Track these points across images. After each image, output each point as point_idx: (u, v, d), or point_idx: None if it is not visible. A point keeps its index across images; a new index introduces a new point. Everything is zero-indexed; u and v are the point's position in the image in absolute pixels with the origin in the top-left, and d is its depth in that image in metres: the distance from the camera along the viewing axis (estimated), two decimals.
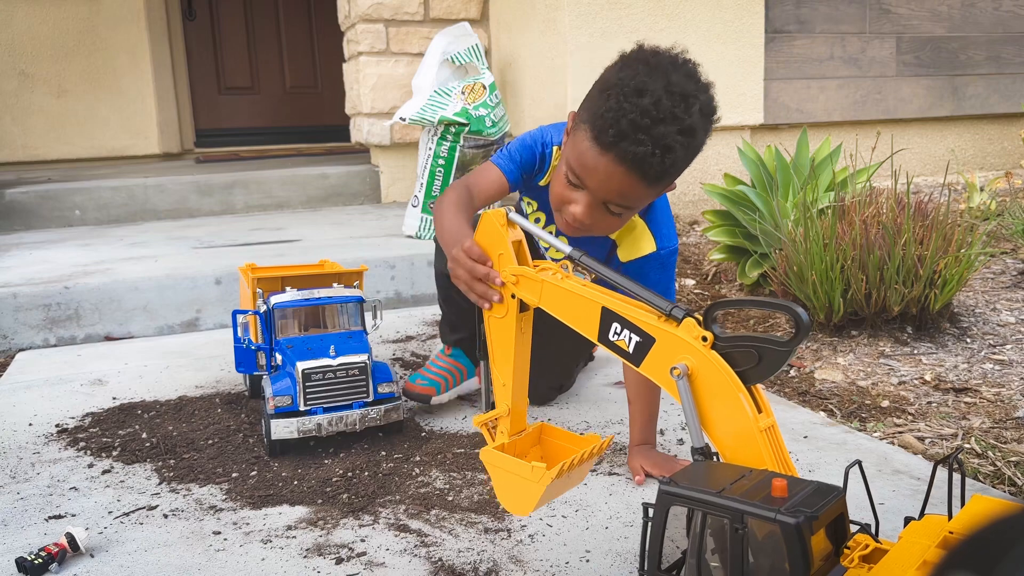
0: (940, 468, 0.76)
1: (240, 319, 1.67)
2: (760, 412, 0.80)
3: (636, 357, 0.88)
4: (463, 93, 3.24)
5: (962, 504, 0.73)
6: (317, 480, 1.37)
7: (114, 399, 1.82)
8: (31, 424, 1.68)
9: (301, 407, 1.46)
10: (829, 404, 1.71)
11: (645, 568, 0.75)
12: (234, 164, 4.62)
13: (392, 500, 1.30)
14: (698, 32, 3.37)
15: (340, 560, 1.12)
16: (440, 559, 1.12)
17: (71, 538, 1.13)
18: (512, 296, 0.98)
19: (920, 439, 1.52)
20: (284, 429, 1.44)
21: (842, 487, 0.72)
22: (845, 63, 3.73)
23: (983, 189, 3.03)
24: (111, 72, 5.27)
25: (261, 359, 1.65)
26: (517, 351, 1.00)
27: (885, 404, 1.70)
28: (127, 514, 1.27)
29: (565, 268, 0.96)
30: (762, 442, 0.78)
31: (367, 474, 1.39)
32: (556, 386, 1.76)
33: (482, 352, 1.06)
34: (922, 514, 0.75)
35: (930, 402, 1.70)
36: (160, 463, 1.47)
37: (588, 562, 1.11)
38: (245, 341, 1.67)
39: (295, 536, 1.19)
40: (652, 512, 0.74)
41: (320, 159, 4.71)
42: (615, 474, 1.38)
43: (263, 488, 1.36)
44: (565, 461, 0.94)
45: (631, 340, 0.88)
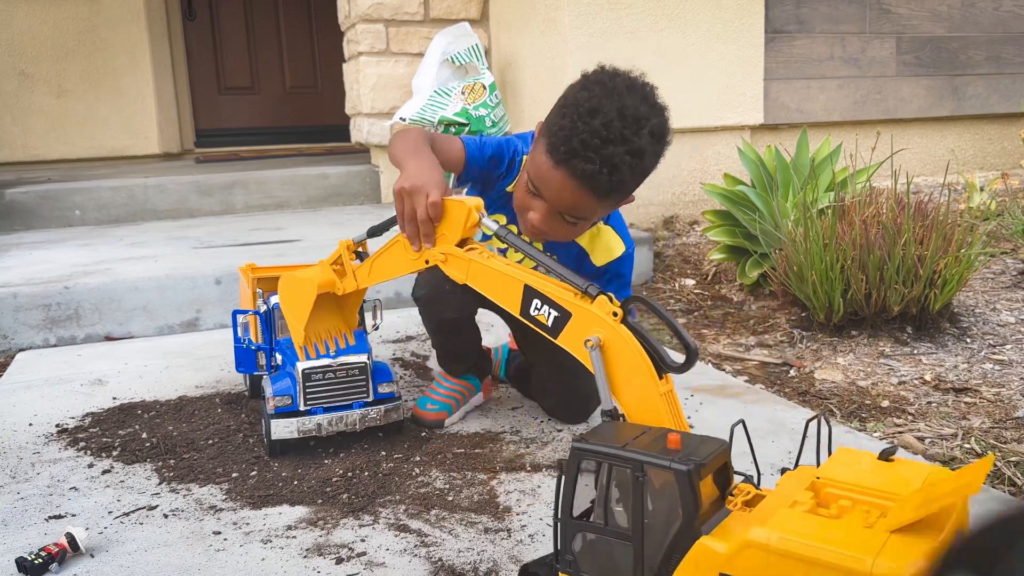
0: (811, 424, 0.87)
1: (240, 319, 1.67)
2: (661, 379, 0.91)
3: (554, 330, 0.99)
4: (463, 93, 3.24)
5: (829, 454, 0.84)
6: (317, 480, 1.37)
7: (114, 399, 1.82)
8: (31, 424, 1.68)
9: (301, 407, 1.46)
10: (829, 404, 1.72)
11: (559, 516, 0.84)
12: (234, 164, 4.62)
13: (392, 500, 1.30)
14: (698, 32, 3.37)
15: (340, 560, 1.12)
16: (440, 559, 1.12)
17: (71, 538, 1.13)
18: (427, 262, 1.15)
19: (920, 439, 1.52)
20: (284, 429, 1.44)
21: (727, 441, 0.82)
22: (845, 63, 3.73)
23: (983, 189, 3.03)
24: (111, 72, 5.27)
25: (261, 359, 1.65)
26: (396, 276, 1.24)
27: (885, 404, 1.70)
28: (127, 514, 1.28)
29: (492, 248, 1.08)
30: (662, 405, 0.90)
31: (367, 474, 1.39)
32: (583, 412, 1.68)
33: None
34: (796, 465, 0.85)
35: (930, 402, 1.70)
36: (160, 463, 1.47)
37: None
38: (245, 341, 1.67)
39: (295, 536, 1.19)
40: (565, 466, 0.83)
41: (320, 159, 4.71)
42: None
43: (263, 488, 1.36)
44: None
45: (550, 315, 0.99)
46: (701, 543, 0.74)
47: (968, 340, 2.02)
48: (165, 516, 1.27)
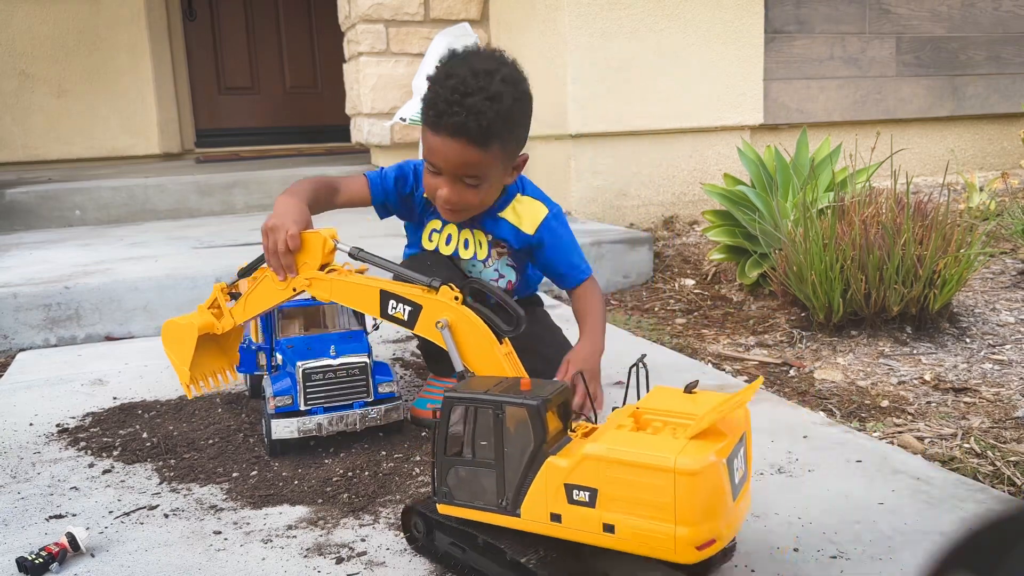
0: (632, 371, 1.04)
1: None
2: (501, 344, 1.12)
3: (411, 322, 1.15)
4: None
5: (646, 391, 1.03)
6: (317, 480, 1.38)
7: (114, 399, 1.82)
8: (31, 424, 1.69)
9: (301, 407, 1.46)
10: (829, 404, 1.72)
11: (436, 456, 1.01)
12: (234, 164, 4.62)
13: (392, 500, 1.30)
14: (698, 32, 3.37)
15: (340, 560, 1.12)
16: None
17: (72, 538, 1.13)
18: (294, 289, 1.27)
19: (920, 439, 1.52)
20: (284, 429, 1.45)
21: (565, 382, 1.03)
22: (845, 63, 3.73)
23: (983, 189, 3.03)
24: (111, 72, 5.28)
25: (261, 359, 1.65)
26: (269, 308, 1.35)
27: (885, 404, 1.70)
28: (128, 514, 1.28)
29: (349, 267, 1.26)
30: (504, 363, 1.11)
31: (367, 474, 1.39)
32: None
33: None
34: (624, 403, 1.04)
35: (929, 402, 1.70)
36: (160, 463, 1.47)
37: None
38: (246, 341, 1.67)
39: (295, 536, 1.19)
40: (440, 414, 1.01)
41: (320, 159, 4.72)
42: None
43: (263, 488, 1.36)
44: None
45: (405, 310, 1.16)
46: (549, 462, 0.94)
47: (968, 340, 2.03)
48: (165, 516, 1.27)
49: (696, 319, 2.42)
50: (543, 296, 2.04)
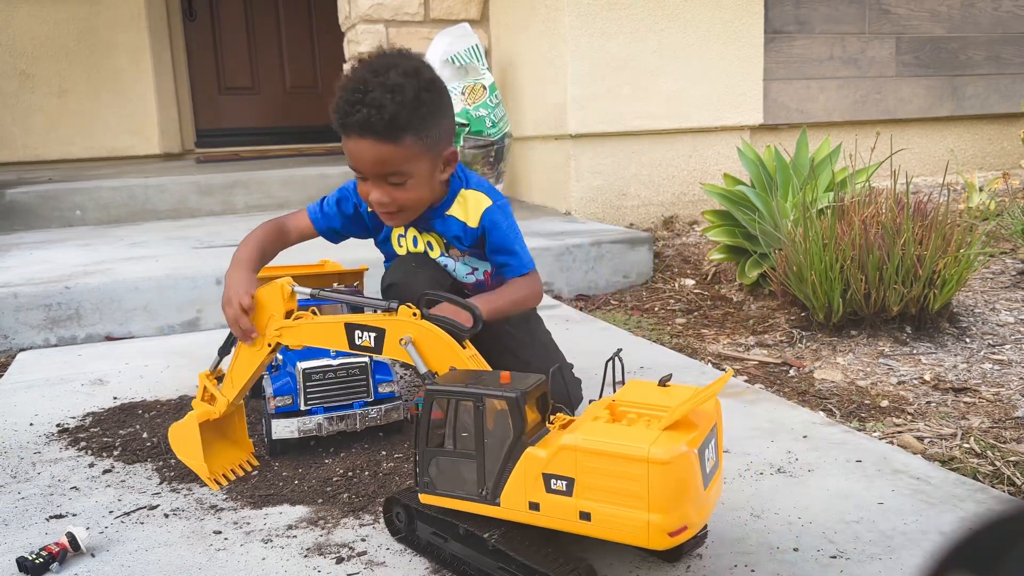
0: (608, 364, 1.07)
1: None
2: (465, 348, 1.14)
3: (378, 347, 1.19)
4: (463, 94, 3.24)
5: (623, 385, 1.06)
6: (317, 480, 1.38)
7: (115, 399, 1.83)
8: (32, 424, 1.69)
9: (302, 407, 1.46)
10: (828, 404, 1.72)
11: (418, 447, 1.04)
12: (234, 164, 4.62)
13: None
14: (698, 32, 3.37)
15: (341, 559, 1.12)
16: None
17: (72, 537, 1.14)
18: (269, 344, 1.30)
19: (919, 439, 1.52)
20: (285, 429, 1.45)
21: (543, 376, 1.05)
22: (845, 63, 3.73)
23: (982, 189, 3.03)
24: (111, 72, 5.28)
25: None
26: (255, 372, 1.34)
27: (884, 404, 1.70)
28: (128, 513, 1.28)
29: (314, 312, 1.31)
30: (471, 366, 1.12)
31: (367, 473, 1.39)
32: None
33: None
34: (600, 396, 1.07)
35: (929, 402, 1.70)
36: (161, 463, 1.47)
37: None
38: None
39: (296, 535, 1.19)
40: (422, 406, 1.04)
41: (321, 159, 4.72)
42: None
43: (264, 488, 1.36)
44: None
45: (371, 337, 1.19)
46: (527, 452, 0.97)
47: (967, 340, 2.03)
48: (166, 516, 1.27)
49: (696, 319, 2.42)
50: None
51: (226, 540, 1.19)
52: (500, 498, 0.99)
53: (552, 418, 1.04)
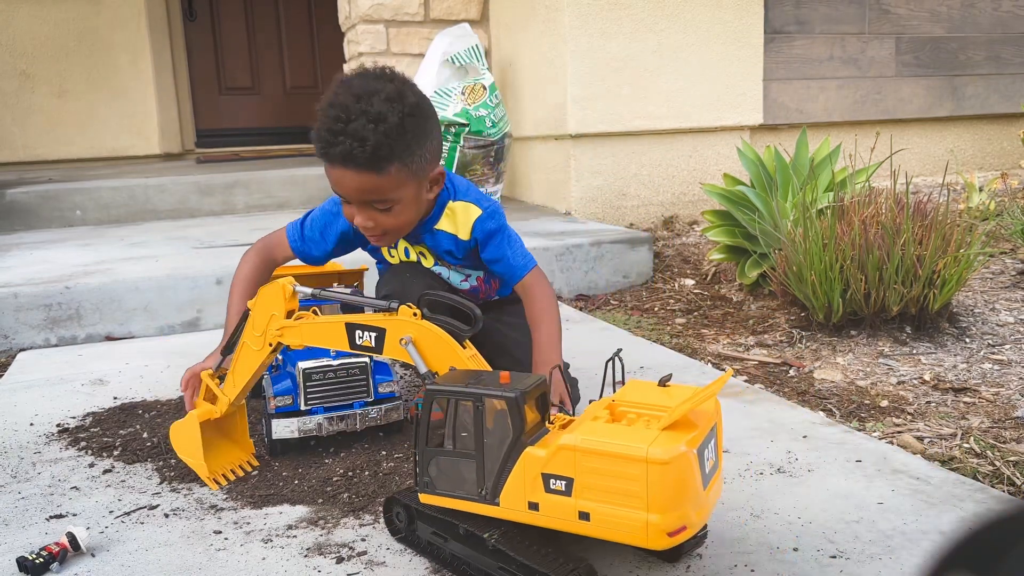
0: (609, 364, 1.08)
1: None
2: (465, 349, 1.14)
3: (378, 347, 1.18)
4: (463, 94, 3.24)
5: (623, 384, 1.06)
6: (318, 479, 1.38)
7: (115, 399, 1.83)
8: (32, 424, 1.69)
9: (302, 407, 1.46)
10: (828, 404, 1.72)
11: (418, 447, 1.05)
12: (235, 164, 4.62)
13: None
14: (698, 32, 3.37)
15: (341, 559, 1.12)
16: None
17: (72, 537, 1.14)
18: (270, 344, 1.29)
19: (919, 439, 1.52)
20: (285, 429, 1.45)
21: (543, 376, 1.06)
22: (844, 63, 3.73)
23: (982, 189, 3.03)
24: (112, 72, 5.28)
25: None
26: (256, 372, 1.34)
27: (884, 404, 1.70)
28: (128, 513, 1.28)
29: (316, 312, 1.30)
30: (471, 366, 1.12)
31: (367, 473, 1.40)
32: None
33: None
34: (600, 396, 1.07)
35: (929, 402, 1.70)
36: (161, 463, 1.47)
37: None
38: None
39: (296, 535, 1.19)
40: (422, 406, 1.04)
41: (320, 159, 4.71)
42: None
43: (264, 487, 1.36)
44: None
45: (371, 337, 1.19)
46: (527, 452, 0.97)
47: (967, 340, 2.03)
48: (166, 515, 1.27)
49: (696, 319, 2.42)
50: None
51: (226, 540, 1.19)
52: (499, 498, 0.99)
53: (552, 418, 1.04)
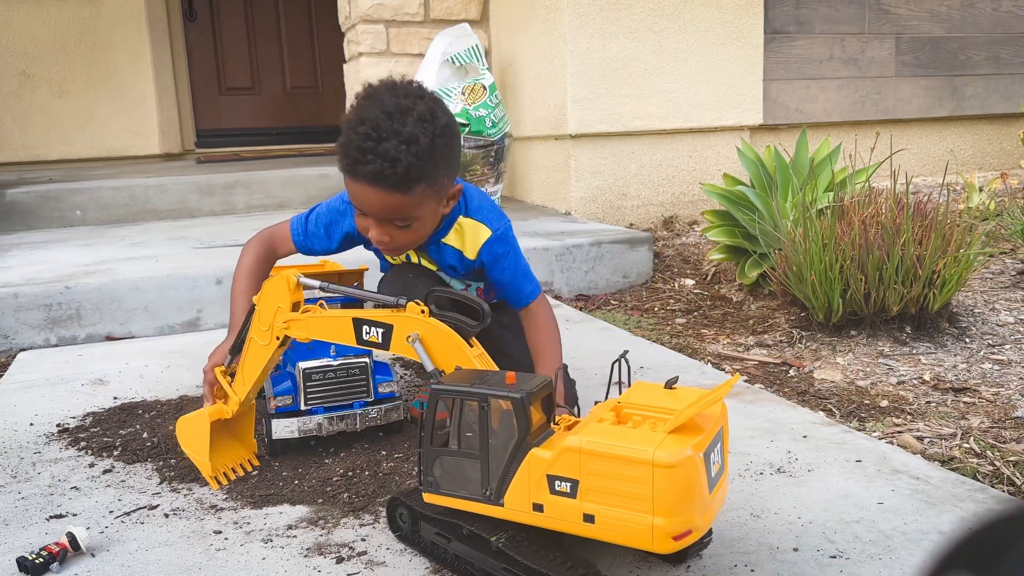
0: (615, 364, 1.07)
1: None
2: (472, 347, 1.14)
3: (385, 343, 1.18)
4: (463, 94, 3.25)
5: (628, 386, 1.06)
6: (318, 479, 1.38)
7: (115, 399, 1.83)
8: (32, 424, 1.69)
9: (302, 407, 1.46)
10: (828, 404, 1.72)
11: (422, 446, 1.05)
12: (235, 164, 4.62)
13: None
14: (698, 32, 3.37)
15: (341, 559, 1.12)
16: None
17: (72, 537, 1.14)
18: (277, 337, 1.29)
19: (919, 439, 1.52)
20: (285, 429, 1.45)
21: (549, 377, 1.04)
22: (844, 63, 3.73)
23: (982, 189, 3.03)
24: (112, 72, 5.28)
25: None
26: (265, 368, 1.34)
27: (884, 404, 1.70)
28: (128, 513, 1.28)
29: (322, 305, 1.28)
30: (477, 365, 1.12)
31: (367, 473, 1.40)
32: None
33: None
34: (606, 398, 1.06)
35: (929, 402, 1.70)
36: (161, 463, 1.47)
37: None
38: None
39: (296, 535, 1.19)
40: (427, 405, 1.03)
41: (321, 159, 4.71)
42: None
43: (263, 488, 1.36)
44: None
45: (378, 333, 1.18)
46: (532, 453, 0.96)
47: (967, 340, 2.03)
48: (166, 515, 1.27)
49: (696, 319, 2.42)
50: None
51: (226, 540, 1.19)
52: (504, 499, 0.99)
53: (557, 419, 1.03)
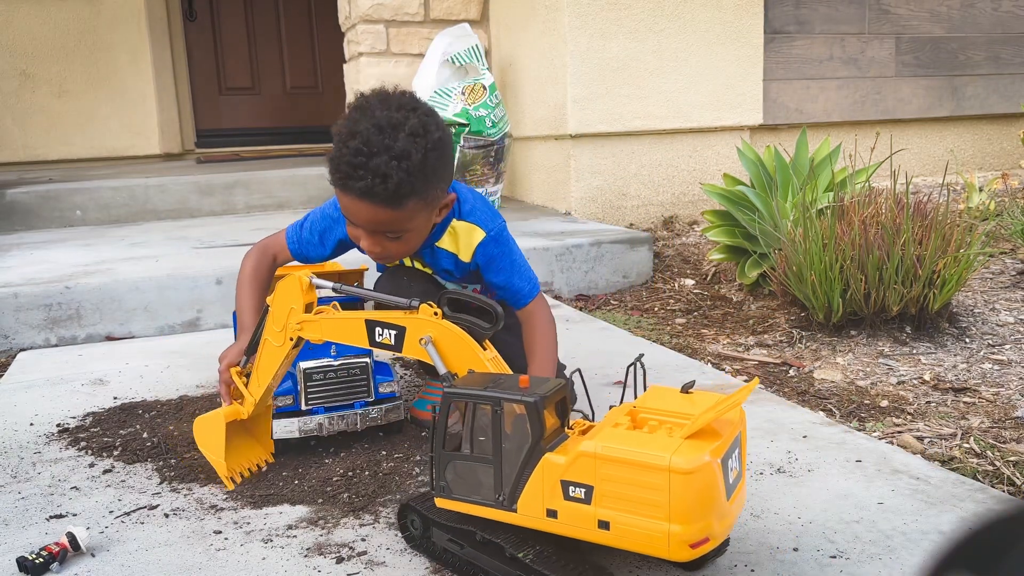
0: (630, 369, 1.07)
1: None
2: (485, 350, 1.13)
3: (397, 345, 1.17)
4: (463, 94, 3.25)
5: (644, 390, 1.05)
6: (318, 479, 1.38)
7: (115, 399, 1.83)
8: (32, 424, 1.69)
9: (302, 407, 1.46)
10: (828, 404, 1.72)
11: (434, 450, 1.03)
12: (235, 164, 4.62)
13: (393, 499, 1.30)
14: (698, 32, 3.37)
15: (341, 559, 1.12)
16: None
17: (72, 537, 1.14)
18: (291, 338, 1.29)
19: (919, 439, 1.52)
20: (285, 429, 1.45)
21: (565, 380, 1.03)
22: (844, 63, 3.73)
23: (982, 189, 3.03)
24: (112, 72, 5.28)
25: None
26: (279, 369, 1.34)
27: (884, 404, 1.70)
28: (128, 513, 1.28)
29: (335, 307, 1.27)
30: (490, 368, 1.11)
31: (368, 473, 1.40)
32: None
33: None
34: (621, 402, 1.06)
35: (929, 402, 1.70)
36: (161, 463, 1.47)
37: None
38: None
39: (296, 535, 1.19)
40: (439, 409, 1.02)
41: (321, 159, 4.69)
42: None
43: (264, 488, 1.36)
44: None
45: (391, 335, 1.18)
46: (546, 458, 0.95)
47: (967, 340, 2.03)
48: (166, 515, 1.27)
49: (696, 319, 2.42)
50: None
51: (226, 540, 1.19)
52: (517, 504, 0.98)
53: (572, 423, 1.02)
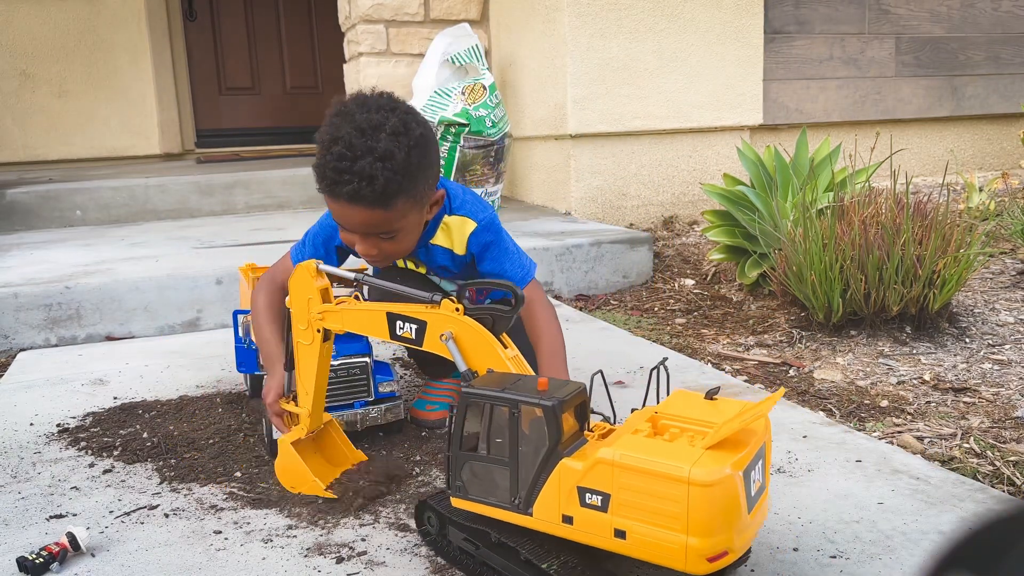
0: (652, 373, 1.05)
1: (241, 319, 1.67)
2: (506, 348, 1.09)
3: (418, 339, 1.15)
4: (463, 94, 3.25)
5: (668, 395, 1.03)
6: None
7: (115, 399, 1.83)
8: (32, 424, 1.69)
9: None
10: (828, 404, 1.72)
11: (450, 450, 1.02)
12: (235, 164, 4.62)
13: (392, 499, 1.30)
14: (698, 32, 3.37)
15: (341, 559, 1.12)
16: (440, 558, 1.12)
17: (72, 537, 1.14)
18: (318, 331, 1.25)
19: (919, 439, 1.52)
20: None
21: (584, 383, 1.01)
22: (844, 63, 3.73)
23: (982, 189, 3.03)
24: (112, 72, 5.28)
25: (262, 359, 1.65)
26: (319, 370, 1.29)
27: (884, 404, 1.70)
28: (128, 513, 1.28)
29: (357, 297, 1.25)
30: (511, 367, 1.07)
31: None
32: None
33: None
34: (643, 406, 1.03)
35: (929, 402, 1.70)
36: (161, 463, 1.47)
37: None
38: (246, 341, 1.67)
39: (296, 535, 1.20)
40: (456, 409, 1.01)
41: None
42: None
43: (264, 487, 1.36)
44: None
45: (412, 329, 1.16)
46: (563, 463, 0.93)
47: (967, 340, 2.03)
48: (166, 515, 1.27)
49: (696, 319, 2.42)
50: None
51: (226, 540, 1.19)
52: (533, 508, 0.96)
53: (591, 426, 1.00)
